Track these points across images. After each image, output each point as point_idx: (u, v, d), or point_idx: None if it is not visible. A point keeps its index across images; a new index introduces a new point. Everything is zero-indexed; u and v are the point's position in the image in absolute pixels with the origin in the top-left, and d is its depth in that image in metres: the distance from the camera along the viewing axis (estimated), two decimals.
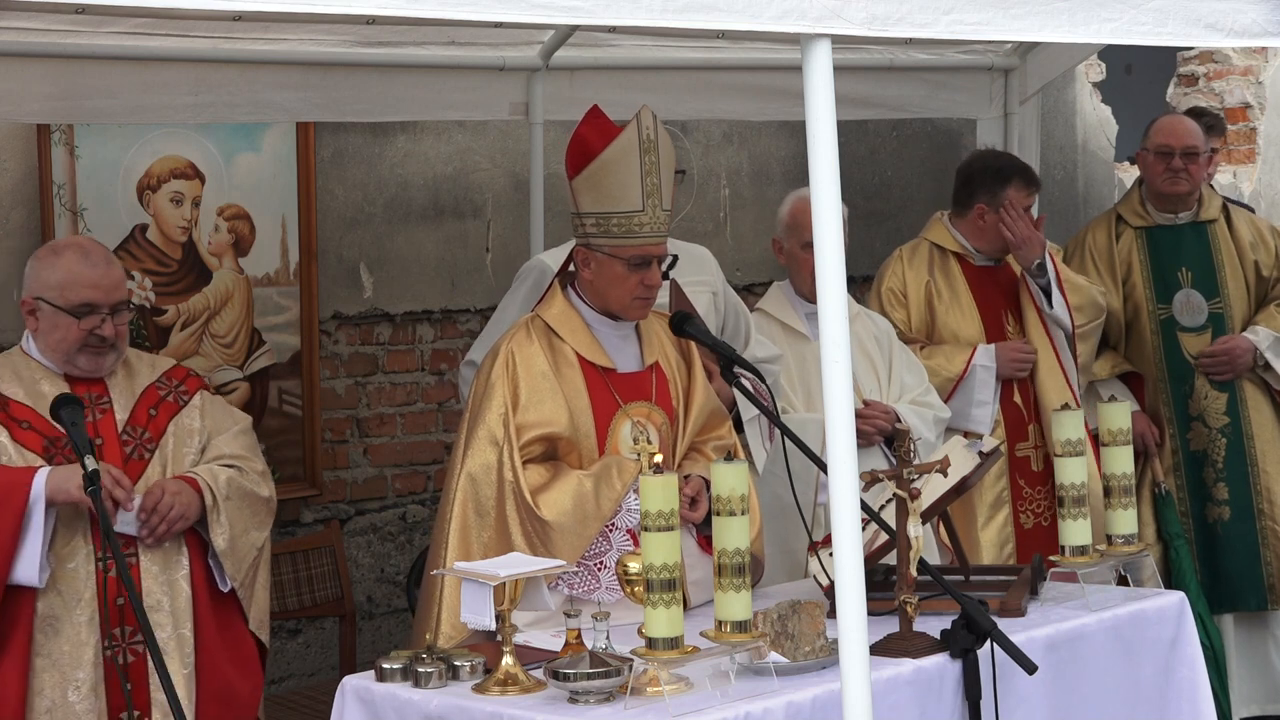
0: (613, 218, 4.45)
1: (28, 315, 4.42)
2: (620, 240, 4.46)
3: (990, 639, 4.04)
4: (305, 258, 6.42)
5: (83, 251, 4.40)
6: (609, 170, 4.43)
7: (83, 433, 4.13)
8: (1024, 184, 6.01)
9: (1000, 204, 5.97)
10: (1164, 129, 6.51)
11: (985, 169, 6.09)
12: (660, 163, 4.46)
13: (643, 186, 4.43)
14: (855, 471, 3.50)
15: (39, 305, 4.38)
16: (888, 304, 6.05)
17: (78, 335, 4.36)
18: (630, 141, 4.43)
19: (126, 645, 4.32)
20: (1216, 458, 6.43)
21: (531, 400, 4.45)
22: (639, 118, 4.45)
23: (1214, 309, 6.46)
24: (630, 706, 3.68)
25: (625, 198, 4.44)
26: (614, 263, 4.48)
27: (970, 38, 4.00)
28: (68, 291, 4.35)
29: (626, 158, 4.42)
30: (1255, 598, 6.44)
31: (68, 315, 4.34)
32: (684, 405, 4.66)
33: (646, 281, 4.50)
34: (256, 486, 4.53)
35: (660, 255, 4.52)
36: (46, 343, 4.39)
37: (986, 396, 5.93)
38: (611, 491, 4.41)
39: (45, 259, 4.44)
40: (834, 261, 3.48)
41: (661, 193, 4.47)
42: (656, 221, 4.47)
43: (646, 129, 4.44)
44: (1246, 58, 9.30)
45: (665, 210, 4.50)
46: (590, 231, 4.50)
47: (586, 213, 4.49)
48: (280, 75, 5.58)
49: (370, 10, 3.14)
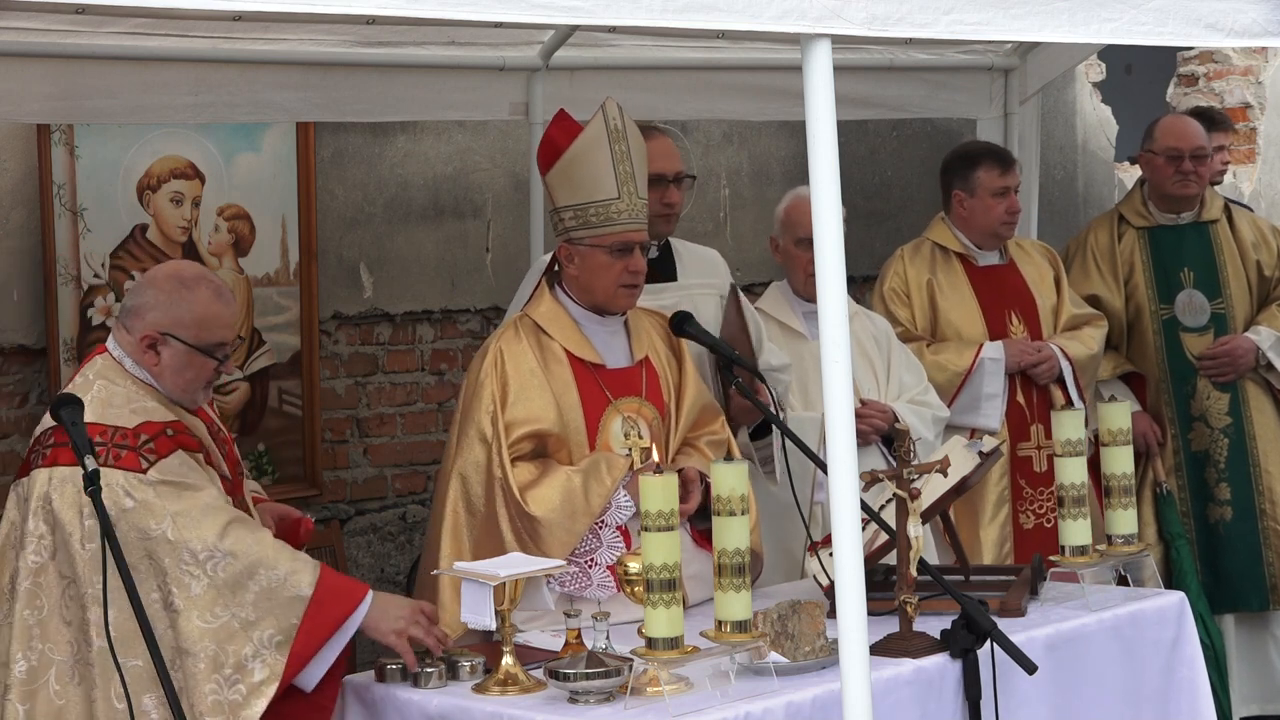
0: (589, 207, 4.48)
1: (147, 349, 4.06)
2: (599, 229, 4.48)
3: (990, 639, 4.04)
4: (305, 258, 6.42)
5: (215, 289, 4.11)
6: (579, 162, 4.47)
7: (83, 433, 4.08)
8: (994, 163, 6.03)
9: (973, 188, 6.00)
10: (1171, 131, 6.49)
11: (954, 157, 6.16)
12: (631, 150, 4.49)
13: (616, 174, 4.46)
14: (855, 471, 3.50)
15: (167, 341, 4.06)
16: (891, 303, 6.05)
17: (210, 375, 4.11)
18: (597, 132, 4.47)
19: None
20: (1219, 458, 6.42)
21: (520, 397, 4.46)
22: (603, 109, 4.49)
23: (1216, 309, 6.45)
24: (630, 706, 3.68)
25: (599, 186, 4.47)
26: (596, 253, 4.49)
27: (970, 38, 4.00)
28: (204, 332, 4.06)
29: (595, 147, 4.46)
30: (1257, 598, 6.44)
31: (203, 355, 4.07)
32: (675, 400, 4.66)
33: (631, 268, 4.52)
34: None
35: (642, 241, 4.54)
36: (176, 381, 4.08)
37: (996, 389, 5.94)
38: (601, 487, 4.41)
39: (174, 293, 4.08)
40: (834, 261, 3.48)
41: (635, 180, 4.50)
42: (634, 208, 4.49)
43: (613, 119, 4.49)
44: (1246, 58, 9.30)
45: (641, 198, 4.53)
46: (570, 225, 4.52)
47: (563, 206, 4.53)
48: (280, 75, 5.58)
49: (370, 10, 3.15)
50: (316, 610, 3.88)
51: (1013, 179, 6.04)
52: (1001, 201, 6.02)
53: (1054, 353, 6.03)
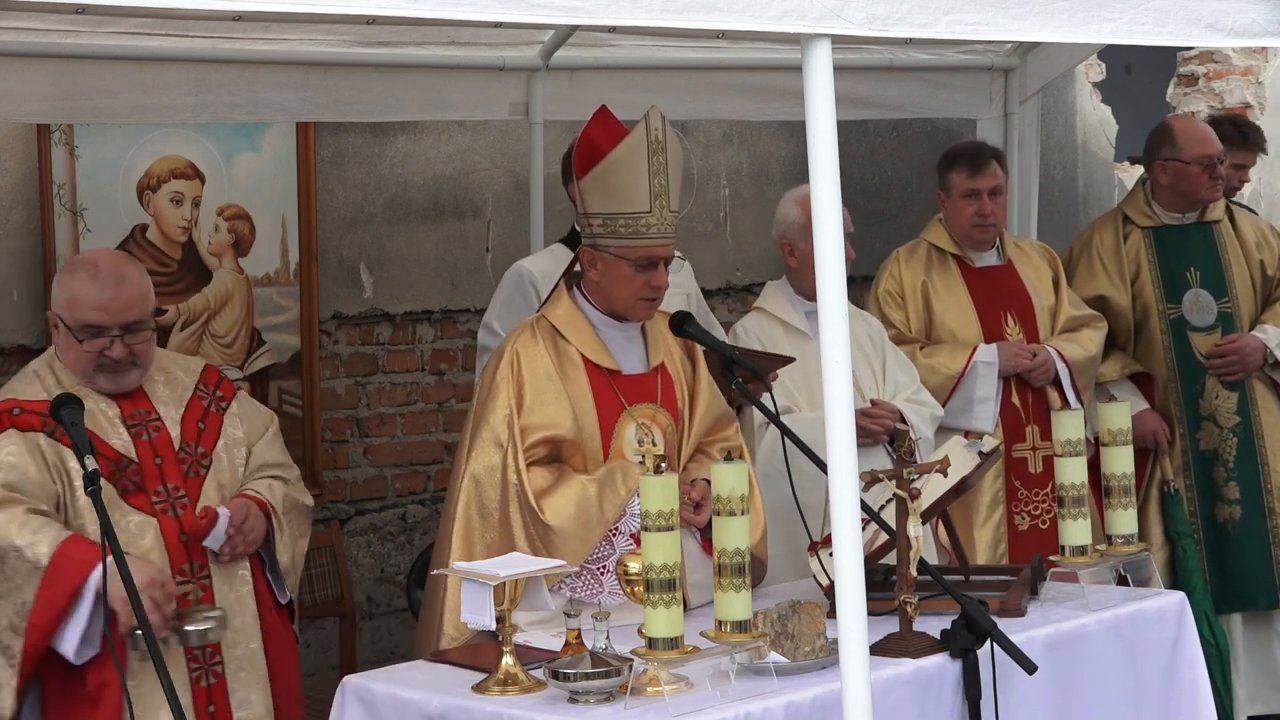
0: (619, 218, 4.44)
1: (52, 329, 4.35)
2: (627, 241, 4.45)
3: (990, 639, 4.04)
4: (305, 258, 6.42)
5: (93, 271, 4.26)
6: (616, 170, 4.42)
7: (82, 433, 4.11)
8: (964, 165, 5.98)
9: (949, 189, 6.00)
10: (1197, 139, 6.44)
11: (941, 157, 6.14)
12: (669, 164, 4.44)
13: (650, 187, 4.42)
14: (855, 471, 3.50)
15: (56, 322, 4.30)
16: (885, 305, 6.04)
17: (87, 356, 4.27)
18: (639, 142, 4.42)
19: (208, 668, 4.30)
20: (1228, 457, 6.42)
21: (536, 402, 4.44)
22: (648, 118, 4.43)
23: (1223, 308, 6.45)
24: (630, 706, 3.68)
25: (632, 198, 4.43)
26: (620, 263, 4.47)
27: (970, 38, 4.00)
28: (74, 312, 4.26)
29: (634, 158, 4.41)
30: (1265, 596, 6.44)
31: (74, 336, 4.26)
32: (689, 407, 4.65)
33: (653, 283, 4.49)
34: (302, 495, 4.56)
35: (666, 257, 4.51)
36: (66, 359, 4.31)
37: (989, 393, 5.93)
38: (615, 497, 4.41)
39: (62, 275, 4.34)
40: (834, 261, 3.48)
41: (669, 194, 4.45)
42: (664, 223, 4.46)
43: (655, 130, 4.43)
44: (1246, 58, 9.30)
45: (673, 211, 4.49)
46: (597, 231, 4.49)
47: (594, 213, 4.48)
48: (280, 75, 5.58)
49: (370, 10, 3.15)
50: (51, 579, 4.05)
51: (984, 182, 5.95)
52: (971, 204, 5.97)
53: (1049, 356, 6.01)
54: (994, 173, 5.99)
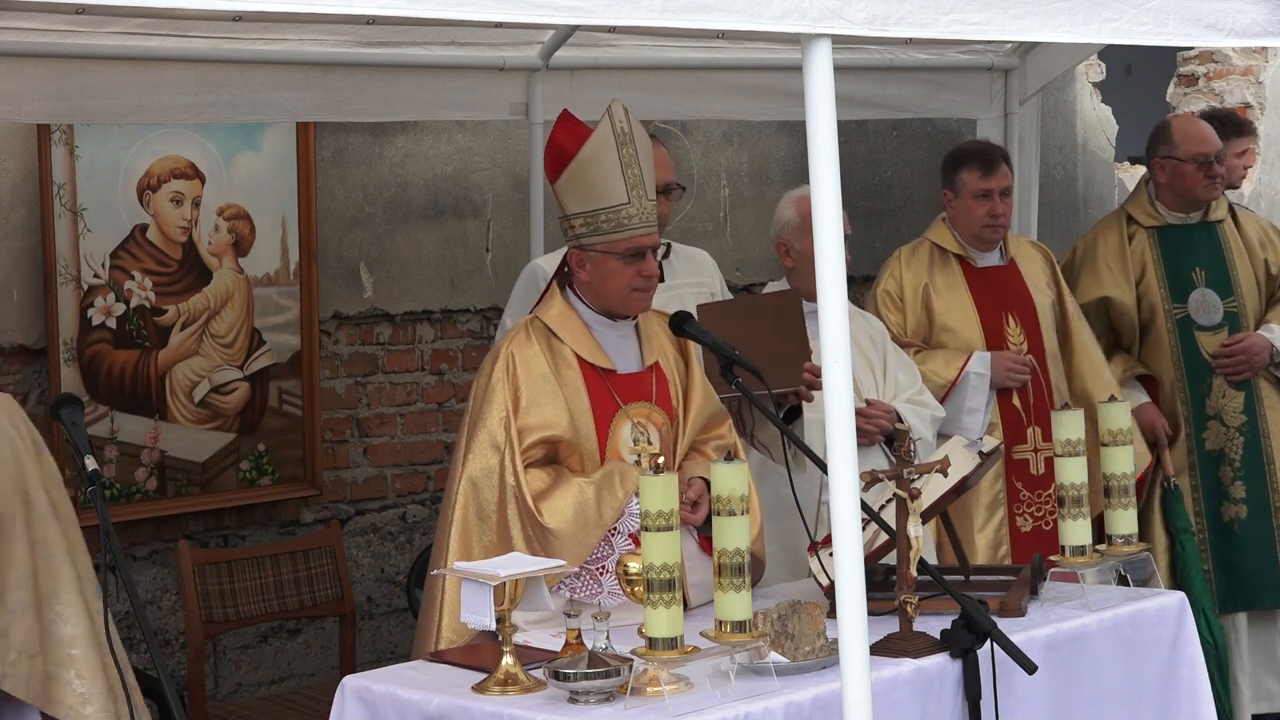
0: (600, 214, 4.46)
1: None
2: (611, 235, 4.46)
3: (990, 639, 4.04)
4: (305, 258, 6.42)
5: None
6: (588, 168, 4.43)
7: (83, 433, 4.10)
8: (977, 165, 5.96)
9: (958, 189, 5.98)
10: (1195, 137, 6.44)
11: (947, 156, 6.13)
12: (639, 153, 4.45)
13: (625, 178, 4.43)
14: (855, 471, 3.50)
15: None
16: (883, 307, 6.02)
17: None
18: (605, 137, 4.43)
19: None
20: (1234, 456, 6.42)
21: (533, 403, 4.44)
22: (610, 111, 4.45)
23: (1229, 308, 6.45)
24: (630, 706, 3.68)
25: (609, 193, 4.44)
26: (608, 259, 4.48)
27: (970, 38, 4.00)
28: None
29: (604, 153, 4.42)
30: (1271, 595, 6.44)
31: None
32: (683, 405, 4.65)
33: (643, 272, 4.50)
34: None
35: (653, 245, 4.52)
36: None
37: (978, 404, 5.90)
38: (614, 499, 4.40)
39: None
40: (834, 261, 3.48)
41: (644, 183, 4.47)
42: (644, 212, 4.47)
43: (619, 122, 4.44)
44: (1246, 58, 9.30)
45: (651, 200, 4.50)
46: (580, 232, 4.50)
47: (573, 214, 4.49)
48: (280, 75, 5.58)
49: (370, 10, 3.15)
50: None
51: (996, 182, 5.94)
52: (983, 204, 5.96)
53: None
54: (1005, 173, 6.00)
